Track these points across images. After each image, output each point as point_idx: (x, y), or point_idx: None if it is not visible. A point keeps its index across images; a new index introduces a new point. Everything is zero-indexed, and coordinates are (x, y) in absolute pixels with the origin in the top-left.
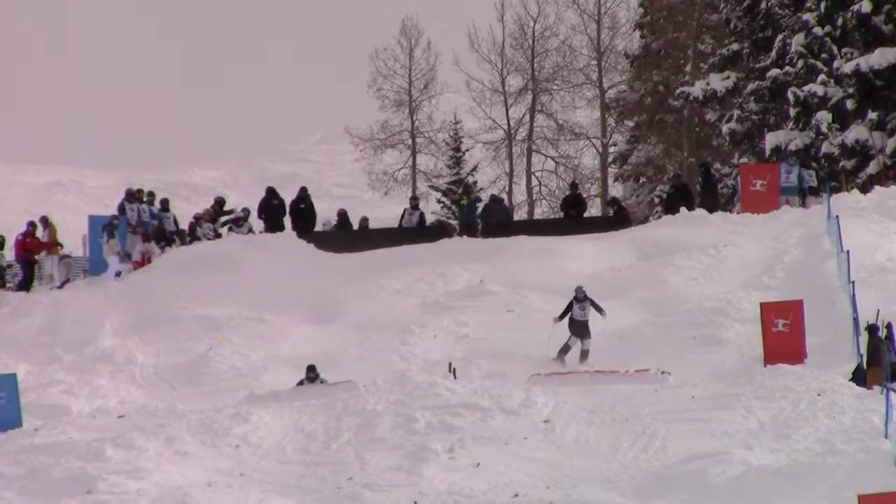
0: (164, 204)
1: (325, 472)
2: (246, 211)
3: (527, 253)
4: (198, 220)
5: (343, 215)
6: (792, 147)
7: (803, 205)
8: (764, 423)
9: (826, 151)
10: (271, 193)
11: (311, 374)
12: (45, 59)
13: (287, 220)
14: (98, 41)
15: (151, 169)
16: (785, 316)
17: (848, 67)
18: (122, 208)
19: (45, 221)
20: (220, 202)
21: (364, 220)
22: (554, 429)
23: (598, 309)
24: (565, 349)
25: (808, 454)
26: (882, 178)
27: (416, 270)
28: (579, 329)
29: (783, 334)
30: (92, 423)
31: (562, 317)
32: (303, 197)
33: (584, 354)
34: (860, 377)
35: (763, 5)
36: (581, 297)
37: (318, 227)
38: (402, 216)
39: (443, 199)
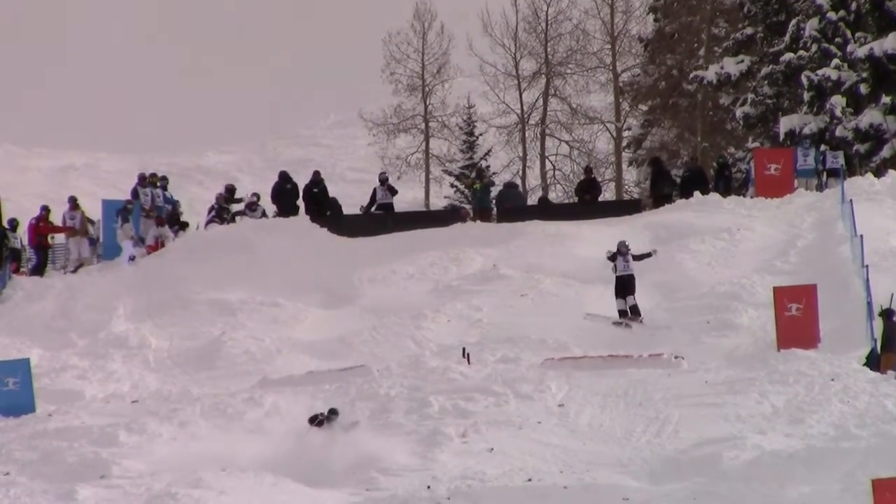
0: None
1: None
2: (257, 195)
3: (541, 237)
4: (220, 207)
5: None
6: (806, 131)
7: (820, 187)
8: (777, 407)
9: (840, 135)
10: (284, 178)
11: (332, 416)
12: (58, 44)
13: (300, 204)
14: (111, 25)
15: (165, 153)
16: (798, 300)
17: (861, 52)
18: (135, 193)
19: (73, 202)
20: (230, 190)
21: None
22: (568, 413)
23: (642, 257)
24: (623, 314)
25: (822, 439)
26: None
27: (429, 255)
28: (622, 286)
29: (797, 319)
30: (105, 407)
31: (611, 258)
32: (316, 181)
33: (633, 310)
34: (874, 362)
35: None
36: (624, 251)
37: None
38: (374, 194)
39: (456, 183)
